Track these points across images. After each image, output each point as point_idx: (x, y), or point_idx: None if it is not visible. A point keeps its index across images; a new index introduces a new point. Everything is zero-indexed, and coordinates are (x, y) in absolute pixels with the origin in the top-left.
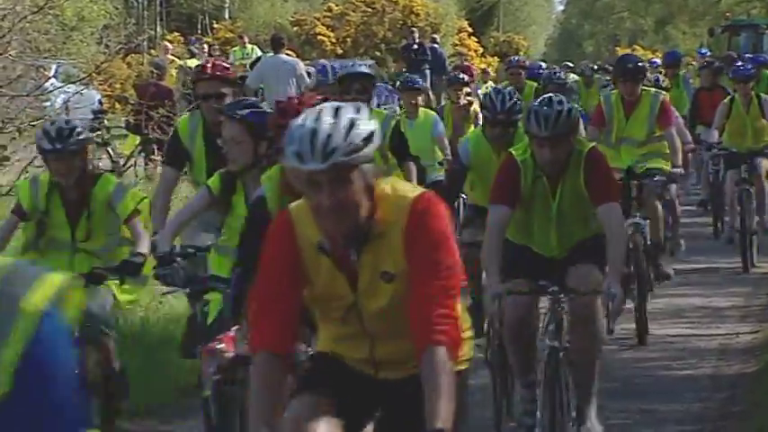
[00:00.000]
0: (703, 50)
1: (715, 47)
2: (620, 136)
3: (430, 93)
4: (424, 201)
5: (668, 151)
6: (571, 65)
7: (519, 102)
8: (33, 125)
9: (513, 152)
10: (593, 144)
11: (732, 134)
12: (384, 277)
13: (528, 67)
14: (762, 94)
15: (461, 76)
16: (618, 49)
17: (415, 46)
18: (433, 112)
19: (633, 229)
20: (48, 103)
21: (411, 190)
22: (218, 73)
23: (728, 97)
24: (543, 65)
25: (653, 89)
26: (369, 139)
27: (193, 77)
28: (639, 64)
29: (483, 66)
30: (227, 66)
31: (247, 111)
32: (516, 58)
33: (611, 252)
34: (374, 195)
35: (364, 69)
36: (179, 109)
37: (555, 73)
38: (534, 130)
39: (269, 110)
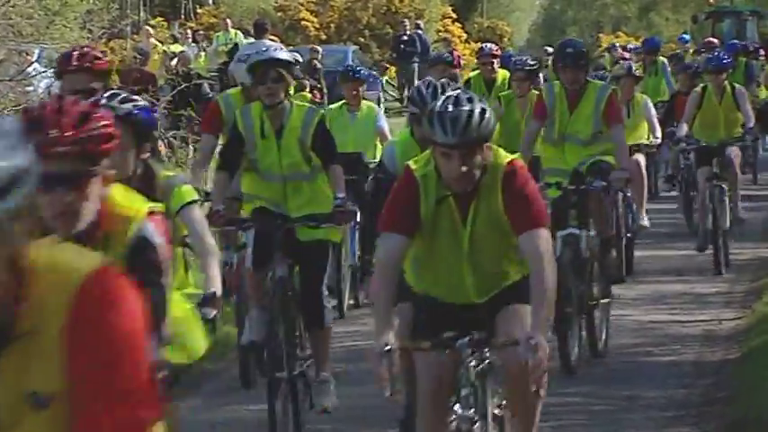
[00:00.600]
0: (685, 37)
1: (698, 34)
2: (564, 131)
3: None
4: (101, 280)
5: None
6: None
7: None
8: (16, 109)
9: (412, 165)
10: (514, 156)
11: (703, 126)
12: (33, 401)
13: (501, 55)
14: (736, 85)
15: (445, 54)
16: (601, 35)
17: (405, 37)
18: (375, 105)
19: (564, 241)
20: (30, 88)
21: (86, 260)
22: (88, 64)
23: (701, 86)
24: (549, 49)
25: (600, 81)
26: (17, 179)
27: (57, 68)
28: (582, 49)
29: (467, 51)
30: (99, 55)
31: (130, 106)
32: (489, 46)
33: (535, 292)
34: (21, 269)
35: (281, 55)
36: (162, 94)
37: (522, 59)
38: (439, 137)
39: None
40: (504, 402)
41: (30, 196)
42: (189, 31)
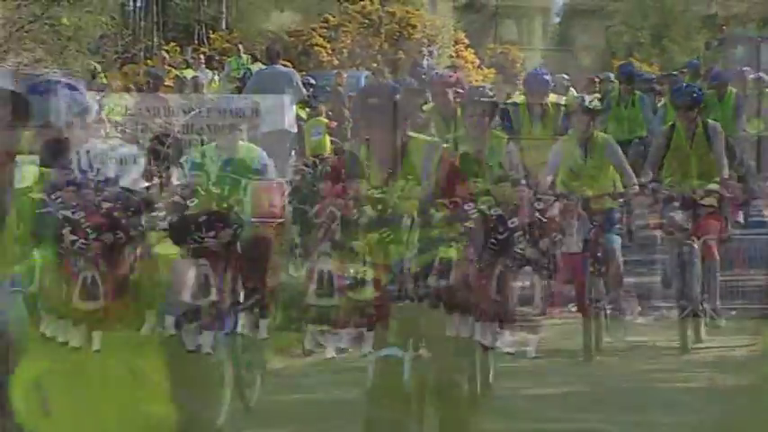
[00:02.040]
0: (695, 62)
1: (711, 60)
2: None
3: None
4: None
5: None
6: (566, 77)
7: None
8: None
9: None
10: None
11: (673, 172)
12: None
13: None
14: (710, 121)
15: (409, 80)
16: (614, 61)
17: (426, 64)
18: (255, 146)
19: (379, 368)
20: None
21: None
22: None
23: (669, 124)
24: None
25: (426, 137)
26: None
27: None
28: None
29: (479, 77)
30: None
31: None
32: (439, 73)
33: None
34: None
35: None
36: (175, 119)
37: (479, 89)
38: None
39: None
40: None
41: None
42: (202, 56)
